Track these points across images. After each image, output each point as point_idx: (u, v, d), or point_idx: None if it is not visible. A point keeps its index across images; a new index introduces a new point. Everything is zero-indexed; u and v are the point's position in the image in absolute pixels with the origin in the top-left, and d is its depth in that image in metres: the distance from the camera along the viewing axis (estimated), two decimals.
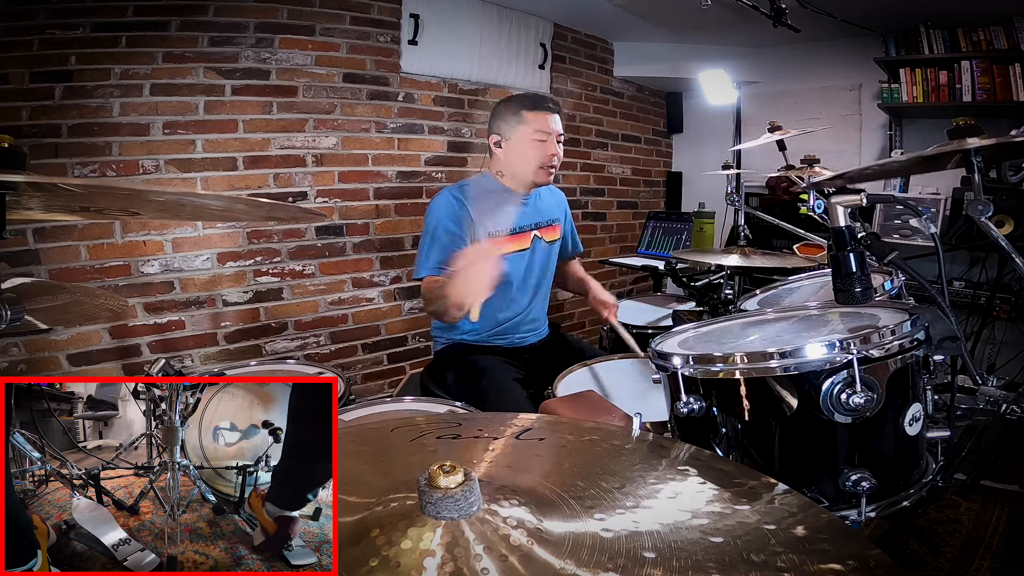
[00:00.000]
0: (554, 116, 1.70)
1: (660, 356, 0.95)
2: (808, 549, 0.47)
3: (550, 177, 1.74)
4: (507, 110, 1.71)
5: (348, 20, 2.59)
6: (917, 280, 0.97)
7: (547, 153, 1.69)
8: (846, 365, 0.79)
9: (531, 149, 1.68)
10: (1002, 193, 2.49)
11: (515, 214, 1.75)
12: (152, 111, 2.19)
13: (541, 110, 1.68)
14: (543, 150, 1.69)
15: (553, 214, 1.89)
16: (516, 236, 1.76)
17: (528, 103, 1.70)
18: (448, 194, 1.69)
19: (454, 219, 1.64)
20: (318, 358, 2.62)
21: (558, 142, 1.72)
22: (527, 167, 1.71)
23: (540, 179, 1.73)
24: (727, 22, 3.04)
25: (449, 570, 0.43)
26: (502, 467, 0.63)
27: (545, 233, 1.85)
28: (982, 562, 1.70)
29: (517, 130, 1.69)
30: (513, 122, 1.69)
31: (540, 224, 1.83)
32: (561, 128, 1.73)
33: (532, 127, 1.67)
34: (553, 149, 1.70)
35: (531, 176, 1.73)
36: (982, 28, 2.90)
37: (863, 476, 0.80)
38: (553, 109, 1.71)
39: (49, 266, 2.04)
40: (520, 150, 1.70)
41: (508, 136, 1.71)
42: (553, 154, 1.70)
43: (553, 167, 1.72)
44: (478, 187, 1.75)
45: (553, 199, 1.94)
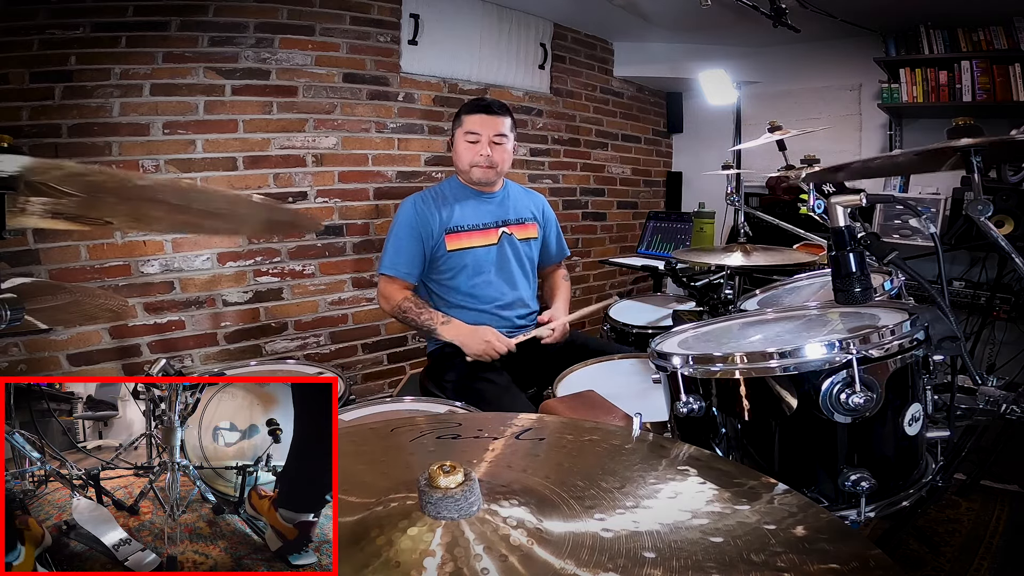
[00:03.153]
0: (489, 117, 1.78)
1: (660, 356, 0.95)
2: (808, 549, 0.47)
3: (486, 175, 1.82)
4: (455, 116, 1.86)
5: (348, 20, 2.59)
6: (917, 280, 0.97)
7: (477, 153, 1.78)
8: (846, 365, 0.79)
9: (463, 149, 1.80)
10: (1002, 193, 2.49)
11: (476, 210, 1.85)
12: (152, 111, 2.19)
13: (475, 112, 1.79)
14: (474, 150, 1.79)
15: (523, 213, 1.95)
16: (481, 231, 1.84)
17: (468, 107, 1.83)
18: (412, 201, 1.83)
19: (414, 222, 1.77)
20: (318, 358, 2.62)
21: (496, 144, 1.79)
22: (461, 164, 1.82)
23: (475, 177, 1.82)
24: (727, 22, 3.04)
25: (449, 570, 0.43)
26: (502, 467, 0.63)
27: (515, 230, 1.90)
28: (982, 562, 1.70)
29: (457, 132, 1.83)
30: (456, 125, 1.84)
31: (508, 221, 1.90)
32: (502, 129, 1.79)
33: (465, 128, 1.80)
34: (483, 150, 1.78)
35: (467, 174, 1.83)
36: (982, 28, 2.89)
37: (863, 476, 0.80)
38: (488, 111, 1.79)
39: (49, 266, 2.04)
40: (457, 150, 1.82)
41: (454, 138, 1.85)
42: (482, 154, 1.78)
43: (485, 167, 1.80)
44: (444, 188, 1.89)
45: (527, 199, 2.00)
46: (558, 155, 3.51)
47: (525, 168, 3.33)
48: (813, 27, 2.87)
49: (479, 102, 1.84)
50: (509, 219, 1.90)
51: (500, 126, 1.80)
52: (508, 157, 1.85)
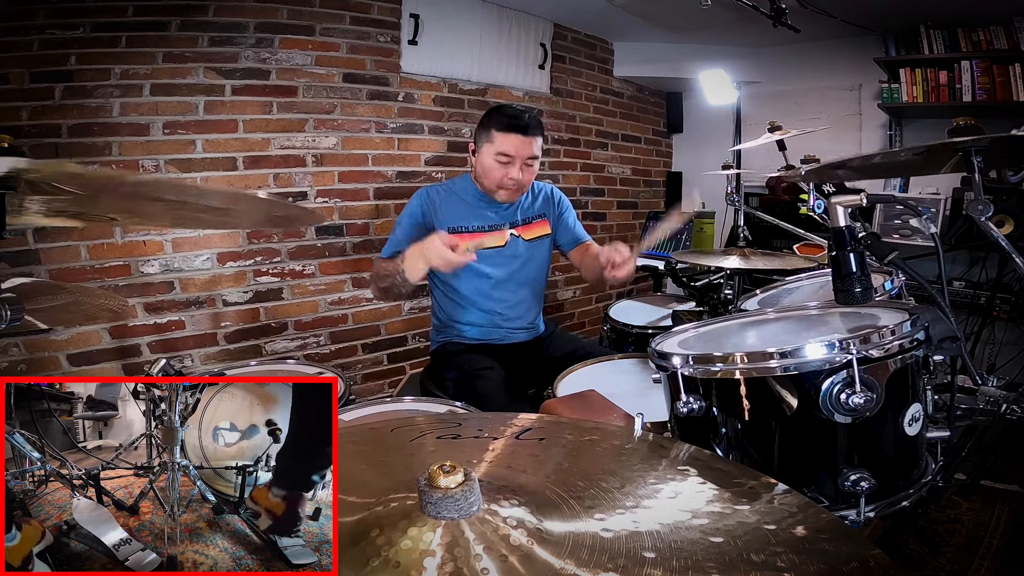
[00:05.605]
0: (525, 139, 1.65)
1: (660, 356, 0.95)
2: (808, 549, 0.47)
3: (511, 197, 1.75)
4: (485, 122, 1.72)
5: (348, 20, 2.59)
6: (917, 280, 0.97)
7: (505, 176, 1.68)
8: (846, 365, 0.79)
9: (492, 168, 1.69)
10: (1002, 193, 2.49)
11: (487, 213, 1.80)
12: (152, 111, 2.19)
13: (510, 131, 1.65)
14: (502, 172, 1.68)
15: (534, 211, 1.88)
16: (489, 233, 1.78)
17: (501, 123, 1.67)
18: (425, 190, 1.79)
19: (421, 212, 1.73)
20: (318, 358, 2.62)
21: (527, 165, 1.69)
22: (488, 183, 1.73)
23: (501, 198, 1.75)
24: (727, 22, 3.04)
25: (449, 570, 0.43)
26: (502, 467, 0.62)
27: (524, 231, 1.84)
28: (982, 562, 1.70)
29: (484, 146, 1.70)
30: (483, 137, 1.71)
31: (516, 223, 1.83)
32: (535, 151, 1.69)
33: (496, 147, 1.67)
34: (513, 173, 1.67)
35: (491, 192, 1.75)
36: (982, 28, 2.89)
37: (862, 476, 0.80)
38: (526, 132, 1.66)
39: (49, 266, 2.04)
40: (484, 164, 1.71)
41: (479, 148, 1.73)
42: (511, 178, 1.68)
43: (512, 190, 1.72)
44: (455, 186, 1.83)
45: (535, 195, 1.91)
46: (558, 155, 3.51)
47: None
48: (813, 27, 2.87)
49: (516, 121, 1.66)
50: (517, 220, 1.85)
51: (534, 147, 1.68)
52: (535, 175, 1.77)
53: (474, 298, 1.80)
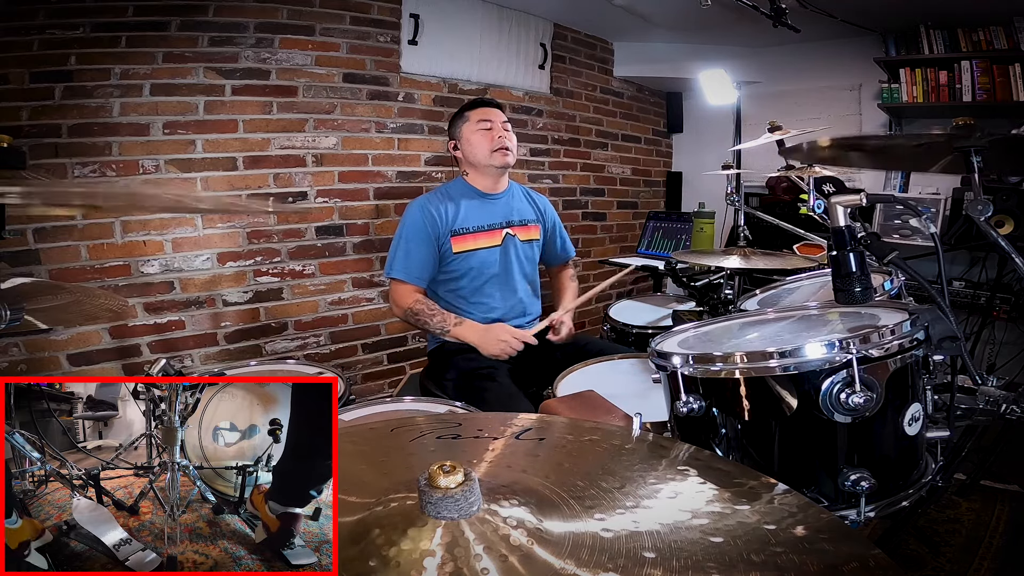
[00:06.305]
0: (493, 109, 1.87)
1: (660, 356, 0.95)
2: (808, 549, 0.47)
3: (506, 158, 1.85)
4: (455, 119, 1.92)
5: (348, 20, 2.59)
6: (917, 280, 0.97)
7: (494, 138, 1.83)
8: (845, 365, 0.79)
9: (479, 139, 1.84)
10: (1002, 193, 2.49)
11: (482, 212, 1.86)
12: (152, 111, 2.19)
13: (479, 106, 1.87)
14: (490, 136, 1.83)
15: (526, 215, 1.96)
16: (486, 233, 1.86)
17: (467, 105, 1.90)
18: (420, 202, 1.84)
19: (424, 224, 1.78)
20: (318, 358, 2.62)
21: (505, 129, 1.86)
22: (481, 154, 1.84)
23: (497, 162, 1.84)
24: (727, 22, 3.04)
25: (449, 570, 0.43)
26: (502, 467, 0.63)
27: (519, 232, 1.92)
28: (982, 562, 1.70)
29: (464, 128, 1.87)
30: (460, 124, 1.88)
31: (512, 223, 1.91)
32: (504, 118, 1.88)
33: (474, 120, 1.85)
34: (499, 132, 1.84)
35: (487, 161, 1.84)
36: (982, 28, 2.89)
37: (862, 476, 0.80)
38: (491, 104, 1.89)
39: (49, 266, 2.03)
40: (471, 142, 1.85)
41: (460, 136, 1.88)
42: (500, 136, 1.83)
43: (505, 149, 1.84)
44: (450, 189, 1.90)
45: (530, 200, 2.01)
46: (558, 155, 3.51)
47: (525, 168, 3.33)
48: (813, 27, 2.87)
49: (479, 99, 1.91)
50: (513, 220, 1.91)
51: (503, 116, 1.88)
52: (515, 141, 1.89)
53: (473, 298, 1.82)
